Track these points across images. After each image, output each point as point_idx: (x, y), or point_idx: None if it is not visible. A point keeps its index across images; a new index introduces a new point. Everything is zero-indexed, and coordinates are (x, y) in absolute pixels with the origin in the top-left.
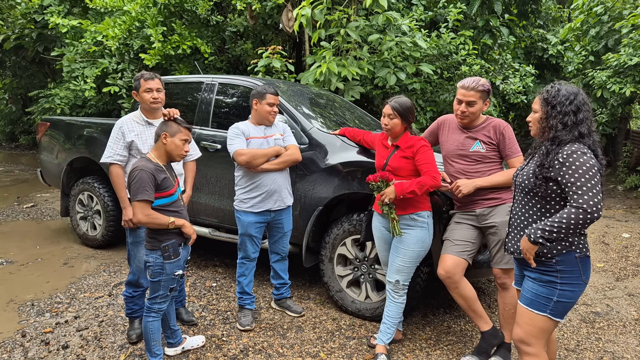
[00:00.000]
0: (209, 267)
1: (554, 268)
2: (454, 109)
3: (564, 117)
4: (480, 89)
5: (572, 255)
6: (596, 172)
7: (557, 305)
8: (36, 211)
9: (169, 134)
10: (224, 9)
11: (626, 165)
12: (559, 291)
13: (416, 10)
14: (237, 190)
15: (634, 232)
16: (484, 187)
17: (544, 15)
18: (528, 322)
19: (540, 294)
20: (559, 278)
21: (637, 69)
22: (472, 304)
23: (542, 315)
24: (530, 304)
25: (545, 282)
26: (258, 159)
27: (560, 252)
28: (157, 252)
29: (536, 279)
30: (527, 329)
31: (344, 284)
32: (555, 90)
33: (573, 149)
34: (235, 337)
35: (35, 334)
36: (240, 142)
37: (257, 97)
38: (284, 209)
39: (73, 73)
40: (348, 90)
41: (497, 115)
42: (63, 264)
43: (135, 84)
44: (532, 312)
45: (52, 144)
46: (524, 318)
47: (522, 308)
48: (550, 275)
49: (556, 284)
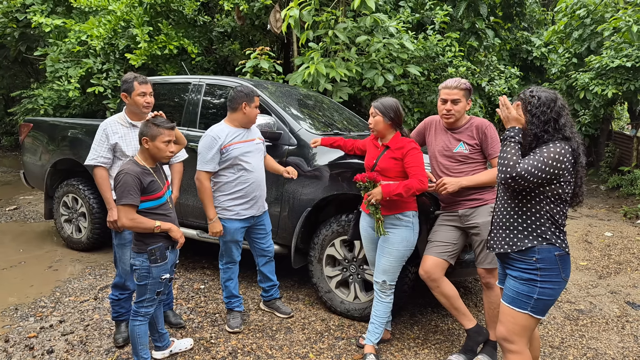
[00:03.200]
0: (196, 269)
1: (534, 266)
2: (439, 109)
3: (545, 125)
4: (463, 87)
5: (551, 253)
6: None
7: (538, 303)
8: (19, 214)
9: (149, 138)
10: (211, 9)
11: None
12: (539, 289)
13: (403, 12)
14: (218, 196)
15: (616, 230)
16: (468, 187)
17: (528, 18)
18: (510, 320)
19: (521, 292)
20: (539, 276)
21: (619, 71)
22: (454, 302)
23: (523, 313)
24: (512, 302)
25: (525, 280)
26: (203, 195)
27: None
28: (144, 255)
29: (517, 277)
30: (510, 326)
31: (332, 285)
32: (536, 99)
33: (559, 144)
34: (224, 339)
35: (19, 339)
36: (212, 159)
37: (246, 100)
38: (265, 211)
39: (57, 73)
40: (336, 91)
41: (483, 116)
42: (47, 268)
43: (126, 86)
44: (513, 310)
45: (36, 146)
46: (506, 316)
47: (504, 306)
48: (530, 273)
49: (536, 281)
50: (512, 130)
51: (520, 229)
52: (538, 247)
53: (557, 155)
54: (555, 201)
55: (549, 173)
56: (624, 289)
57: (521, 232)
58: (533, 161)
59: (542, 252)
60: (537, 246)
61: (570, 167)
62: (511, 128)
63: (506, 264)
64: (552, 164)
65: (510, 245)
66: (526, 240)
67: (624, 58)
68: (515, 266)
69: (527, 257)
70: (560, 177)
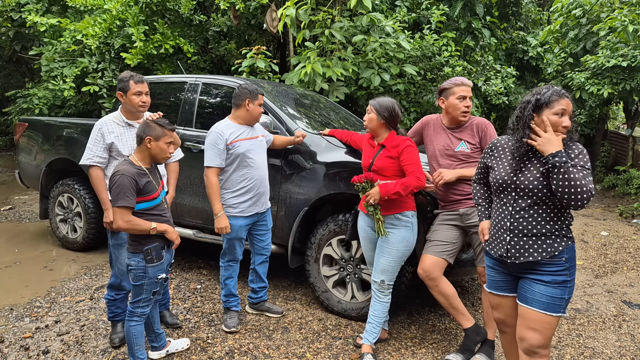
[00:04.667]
0: (193, 269)
1: (564, 266)
2: (456, 107)
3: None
4: (471, 84)
5: (573, 249)
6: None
7: (567, 302)
8: (14, 214)
9: (153, 137)
10: (207, 8)
11: (604, 165)
12: (569, 288)
13: (400, 11)
14: (224, 193)
15: (612, 230)
16: (466, 176)
17: (524, 18)
18: (547, 327)
19: (556, 296)
20: (569, 275)
21: (615, 70)
22: (453, 301)
23: (558, 317)
24: (547, 308)
25: (560, 284)
26: (210, 191)
27: (567, 245)
28: (140, 255)
29: (550, 282)
30: (547, 333)
31: (329, 284)
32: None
33: (580, 146)
34: (221, 339)
35: (14, 339)
36: (219, 155)
37: (249, 97)
38: (268, 208)
39: (52, 72)
40: (333, 90)
41: (479, 116)
42: (43, 268)
43: (121, 85)
44: (550, 316)
45: (31, 145)
46: (542, 324)
47: (538, 314)
48: (562, 274)
49: (568, 282)
50: (560, 154)
51: (549, 235)
52: (566, 247)
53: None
54: None
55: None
56: (620, 288)
57: (550, 237)
58: (588, 173)
59: (569, 251)
60: (566, 247)
61: None
62: (559, 153)
63: (530, 270)
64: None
65: (541, 252)
66: (556, 245)
67: (620, 58)
68: (546, 270)
69: (558, 258)
70: None
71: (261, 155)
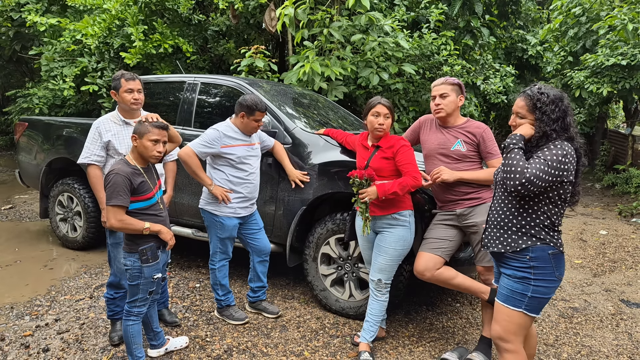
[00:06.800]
0: (192, 267)
1: (527, 264)
2: (431, 108)
3: (554, 123)
4: (450, 82)
5: (545, 252)
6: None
7: (532, 301)
8: (15, 213)
9: (137, 135)
10: (206, 7)
11: (603, 164)
12: (533, 287)
13: (398, 10)
14: None
15: (610, 229)
16: (466, 180)
17: (523, 16)
18: (505, 319)
19: (516, 290)
20: (532, 274)
21: (614, 69)
22: (462, 282)
23: (517, 311)
24: (506, 300)
25: (519, 279)
26: (194, 168)
27: (535, 244)
28: (135, 255)
29: (511, 275)
30: (505, 325)
31: (327, 283)
32: (545, 97)
33: (564, 143)
34: (219, 337)
35: (14, 337)
36: (207, 146)
37: (245, 111)
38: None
39: (52, 72)
40: (331, 90)
41: (478, 115)
42: (43, 267)
43: (114, 84)
44: (508, 309)
45: (31, 145)
46: (501, 315)
47: (499, 305)
48: (524, 271)
49: (530, 280)
50: (514, 137)
51: (514, 230)
52: (532, 246)
53: (561, 157)
54: (556, 202)
55: (556, 175)
56: (618, 287)
57: (515, 232)
58: (540, 165)
59: (536, 251)
60: (531, 246)
61: (572, 167)
62: (513, 135)
63: (500, 263)
64: (558, 166)
65: (505, 245)
66: (520, 241)
67: (619, 56)
68: (509, 264)
69: (521, 255)
70: (564, 177)
71: (256, 162)
